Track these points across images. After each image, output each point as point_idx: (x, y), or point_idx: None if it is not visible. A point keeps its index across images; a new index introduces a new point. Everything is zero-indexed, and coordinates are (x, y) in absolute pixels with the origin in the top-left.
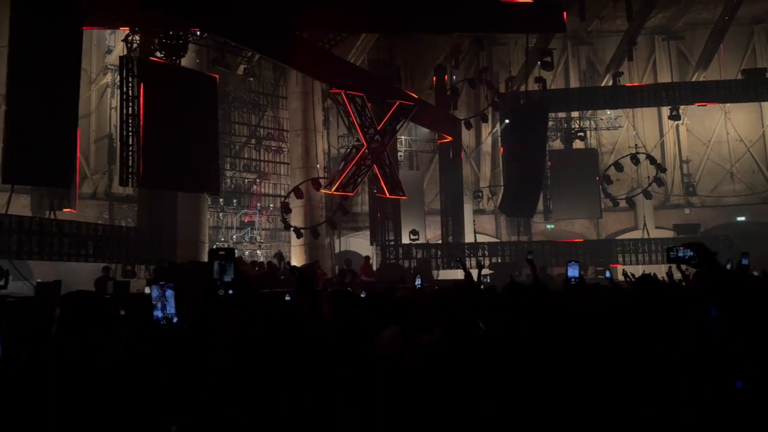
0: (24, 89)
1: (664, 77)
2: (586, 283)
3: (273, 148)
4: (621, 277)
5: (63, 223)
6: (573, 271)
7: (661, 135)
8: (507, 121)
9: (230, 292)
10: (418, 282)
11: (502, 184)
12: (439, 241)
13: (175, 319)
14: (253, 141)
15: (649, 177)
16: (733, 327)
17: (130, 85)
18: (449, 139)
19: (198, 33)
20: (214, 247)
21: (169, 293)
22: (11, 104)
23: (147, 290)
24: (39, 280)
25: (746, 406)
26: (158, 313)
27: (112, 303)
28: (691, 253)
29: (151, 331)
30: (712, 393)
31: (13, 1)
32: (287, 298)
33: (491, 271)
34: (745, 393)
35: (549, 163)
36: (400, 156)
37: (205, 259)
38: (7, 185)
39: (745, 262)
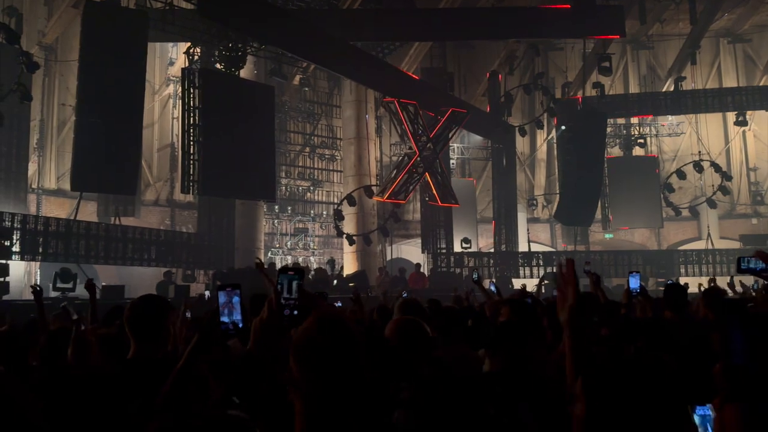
0: (92, 101)
1: (730, 81)
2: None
3: (326, 156)
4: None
5: (127, 229)
6: (634, 283)
7: (727, 141)
8: (563, 127)
9: (295, 312)
10: (492, 287)
11: (557, 191)
12: (492, 250)
13: (240, 325)
14: (308, 149)
15: (713, 185)
16: None
17: (191, 95)
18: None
19: (256, 45)
20: (287, 263)
21: (236, 300)
22: (79, 115)
23: (207, 294)
24: (104, 284)
25: None
26: (225, 319)
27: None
28: (764, 265)
29: (220, 335)
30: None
31: (84, 18)
32: (338, 304)
33: (547, 282)
34: None
35: (607, 171)
36: (453, 163)
37: None
38: (76, 192)
39: None
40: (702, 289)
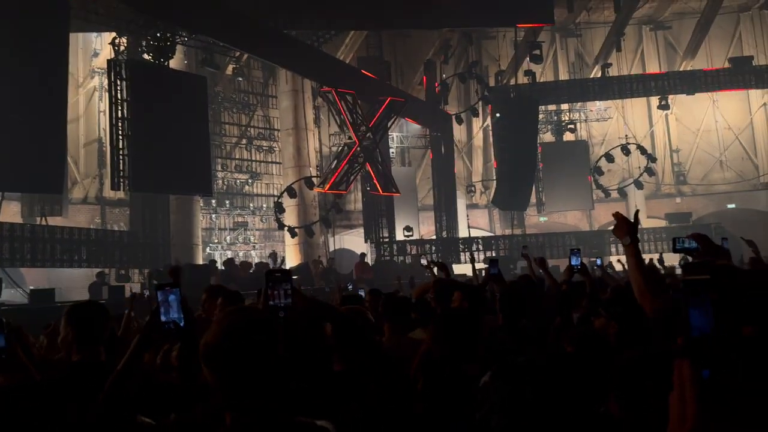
0: (11, 95)
1: (653, 67)
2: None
3: (264, 147)
4: (618, 266)
5: (55, 229)
6: (576, 260)
7: (651, 125)
8: (498, 114)
9: (281, 315)
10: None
11: (494, 178)
12: (434, 237)
13: (182, 324)
14: (244, 141)
15: (639, 167)
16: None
17: (118, 87)
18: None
19: (185, 34)
20: (269, 267)
21: (174, 298)
22: None
23: (146, 293)
24: (32, 287)
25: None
26: (165, 317)
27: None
28: (696, 245)
29: (160, 334)
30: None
31: None
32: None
33: (485, 266)
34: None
35: (540, 156)
36: (392, 152)
37: (200, 261)
38: None
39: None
40: (622, 265)
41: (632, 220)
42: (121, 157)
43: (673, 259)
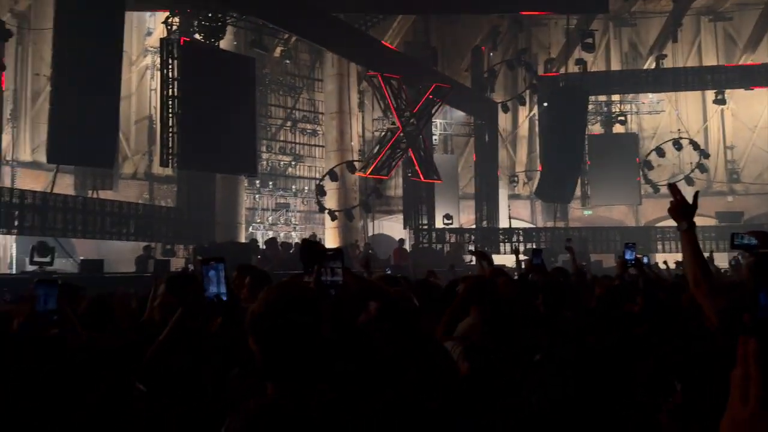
0: (68, 71)
1: (710, 60)
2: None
3: (308, 130)
4: (662, 266)
5: (105, 203)
6: (630, 255)
7: (705, 120)
8: (545, 104)
9: (332, 293)
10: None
11: (538, 168)
12: (473, 226)
13: (225, 297)
14: (289, 123)
15: (691, 163)
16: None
17: (169, 66)
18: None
19: (236, 15)
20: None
21: (219, 273)
22: (55, 86)
23: (190, 268)
24: (83, 258)
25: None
26: (211, 291)
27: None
28: (756, 242)
29: (204, 307)
30: None
31: None
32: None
33: (526, 257)
34: None
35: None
36: (435, 139)
37: (242, 239)
38: (52, 165)
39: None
40: (667, 265)
41: (691, 202)
42: (170, 134)
43: (723, 261)
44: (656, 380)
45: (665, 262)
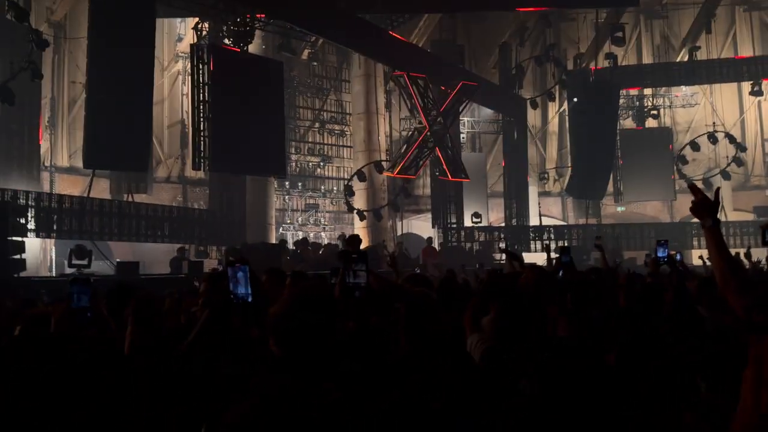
0: (102, 79)
1: (745, 51)
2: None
3: (336, 131)
4: (698, 262)
5: (140, 206)
6: (662, 252)
7: (742, 112)
8: (575, 99)
9: (357, 294)
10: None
11: (569, 165)
12: (503, 224)
13: (249, 299)
14: (317, 125)
15: (727, 157)
16: None
17: (200, 71)
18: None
19: (264, 19)
20: (340, 248)
21: (243, 274)
22: (90, 93)
23: (220, 269)
24: (119, 260)
25: None
26: (236, 292)
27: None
28: None
29: (230, 309)
30: None
31: None
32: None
33: (558, 255)
34: None
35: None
36: (463, 137)
37: (273, 240)
38: (88, 170)
39: None
40: (704, 261)
41: (713, 199)
42: (201, 138)
43: (761, 254)
44: (679, 379)
45: (701, 257)
